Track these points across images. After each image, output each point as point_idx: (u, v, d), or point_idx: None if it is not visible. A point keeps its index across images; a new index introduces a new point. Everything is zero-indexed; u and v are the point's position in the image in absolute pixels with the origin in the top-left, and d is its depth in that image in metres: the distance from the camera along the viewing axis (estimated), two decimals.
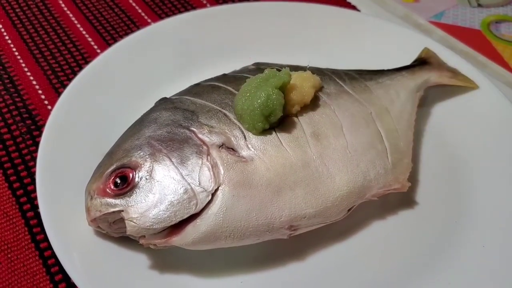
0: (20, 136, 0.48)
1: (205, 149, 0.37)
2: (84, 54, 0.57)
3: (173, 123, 0.39)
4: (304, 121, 0.40)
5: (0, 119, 0.50)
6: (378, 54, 0.54)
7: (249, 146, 0.38)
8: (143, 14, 0.63)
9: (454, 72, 0.51)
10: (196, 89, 0.43)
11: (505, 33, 0.62)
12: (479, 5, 0.66)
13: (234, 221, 0.35)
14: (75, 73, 0.53)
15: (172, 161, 0.36)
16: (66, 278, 0.39)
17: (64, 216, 0.38)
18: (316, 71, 0.44)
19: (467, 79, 0.50)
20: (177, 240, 0.35)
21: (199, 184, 0.35)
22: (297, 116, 0.40)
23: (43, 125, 0.45)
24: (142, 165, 0.36)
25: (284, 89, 0.39)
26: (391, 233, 0.41)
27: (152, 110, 0.41)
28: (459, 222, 0.41)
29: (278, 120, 0.39)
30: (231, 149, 0.37)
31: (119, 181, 0.36)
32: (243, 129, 0.38)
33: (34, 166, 0.43)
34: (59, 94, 0.50)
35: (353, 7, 0.66)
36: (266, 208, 0.36)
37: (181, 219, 0.35)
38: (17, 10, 0.62)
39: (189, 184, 0.35)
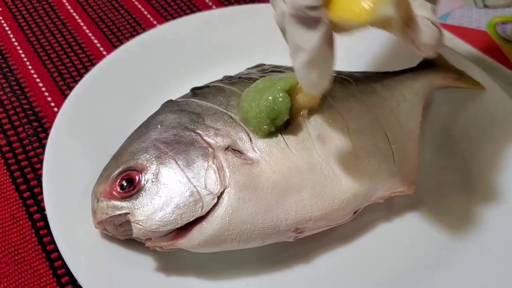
0: (26, 138, 0.48)
1: (211, 152, 0.37)
2: (90, 56, 0.57)
3: (179, 126, 0.39)
4: (310, 124, 0.40)
5: (7, 121, 0.50)
6: (383, 56, 0.54)
7: (255, 148, 0.38)
8: (148, 16, 0.63)
9: (460, 74, 0.51)
10: (202, 92, 0.43)
11: (511, 35, 0.61)
12: (485, 6, 0.65)
13: (240, 224, 0.35)
14: (81, 75, 0.53)
15: (178, 164, 0.36)
16: (73, 280, 0.39)
17: (71, 219, 0.38)
18: None
19: (473, 80, 0.50)
20: (183, 242, 0.35)
21: (205, 186, 0.35)
22: (303, 119, 0.40)
23: (49, 128, 0.45)
24: (148, 168, 0.36)
25: (290, 92, 0.39)
26: (397, 235, 0.41)
27: (158, 113, 0.41)
28: (466, 224, 0.41)
29: (284, 123, 0.39)
30: (237, 152, 0.38)
31: (125, 184, 0.36)
32: (248, 132, 0.38)
33: (41, 168, 0.43)
34: (65, 96, 0.51)
35: None
36: (272, 211, 0.36)
37: (187, 221, 0.35)
38: (24, 12, 0.62)
39: (195, 186, 0.35)
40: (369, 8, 0.29)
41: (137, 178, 0.36)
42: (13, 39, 0.59)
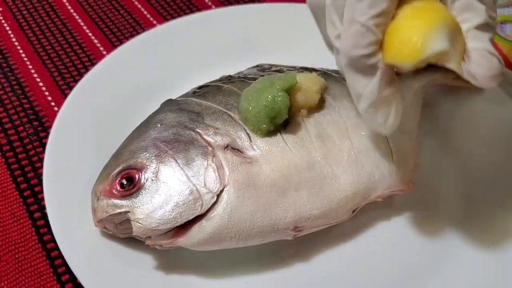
0: (27, 138, 0.49)
1: (210, 150, 0.37)
2: (90, 55, 0.57)
3: (178, 125, 0.39)
4: (309, 123, 0.40)
5: (7, 120, 0.50)
6: None
7: (254, 147, 0.38)
8: (148, 15, 0.63)
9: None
10: (202, 91, 0.43)
11: (510, 34, 0.61)
12: None
13: (239, 222, 0.35)
14: (81, 75, 0.53)
15: (177, 162, 0.37)
16: (73, 278, 0.39)
17: (71, 217, 0.39)
18: (321, 72, 0.44)
19: None
20: (183, 240, 0.35)
21: (205, 185, 0.36)
22: (302, 118, 0.40)
23: (49, 127, 0.46)
24: (148, 166, 0.37)
25: (289, 91, 0.39)
26: (395, 234, 0.41)
27: (157, 112, 0.41)
28: (464, 223, 0.41)
29: (284, 122, 0.39)
30: (236, 150, 0.38)
31: (125, 182, 0.36)
32: (248, 131, 0.39)
33: (41, 167, 0.43)
34: (65, 95, 0.51)
35: None
36: (271, 209, 0.36)
37: (186, 220, 0.35)
38: (24, 12, 0.63)
39: (194, 185, 0.36)
40: (419, 46, 0.28)
41: (137, 176, 0.36)
42: (14, 39, 0.59)
